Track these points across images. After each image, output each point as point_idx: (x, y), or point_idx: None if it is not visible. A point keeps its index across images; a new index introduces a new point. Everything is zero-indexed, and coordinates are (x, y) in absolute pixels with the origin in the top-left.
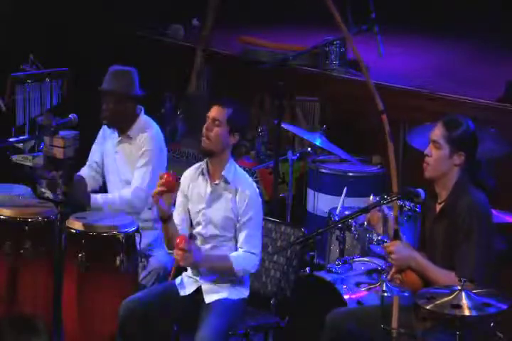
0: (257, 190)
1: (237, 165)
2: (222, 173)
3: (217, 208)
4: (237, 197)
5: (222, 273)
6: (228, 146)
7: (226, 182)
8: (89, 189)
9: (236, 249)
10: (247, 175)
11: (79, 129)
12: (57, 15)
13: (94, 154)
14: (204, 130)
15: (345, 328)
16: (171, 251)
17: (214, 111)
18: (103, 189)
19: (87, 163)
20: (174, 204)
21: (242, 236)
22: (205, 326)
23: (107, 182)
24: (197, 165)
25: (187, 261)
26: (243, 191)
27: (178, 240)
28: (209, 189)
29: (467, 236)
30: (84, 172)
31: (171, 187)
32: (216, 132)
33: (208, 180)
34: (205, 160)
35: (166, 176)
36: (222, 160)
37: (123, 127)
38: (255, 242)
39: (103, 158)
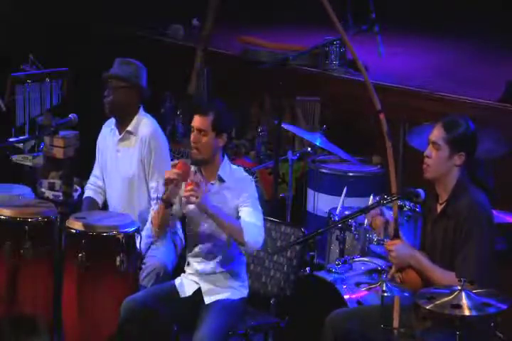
0: (253, 182)
1: (231, 163)
2: (218, 173)
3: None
4: (233, 190)
5: (229, 233)
6: (219, 149)
7: (221, 180)
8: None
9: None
10: (241, 170)
11: (79, 129)
12: (57, 15)
13: (98, 161)
14: (192, 143)
15: (345, 328)
16: (156, 229)
17: (197, 122)
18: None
19: (94, 172)
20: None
21: (245, 212)
22: (205, 326)
23: (105, 180)
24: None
25: (198, 195)
26: (240, 186)
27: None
28: (205, 189)
29: (468, 237)
30: (91, 186)
31: (185, 176)
32: (204, 142)
33: (201, 180)
34: None
35: (179, 165)
36: (216, 163)
37: (124, 121)
38: (259, 217)
39: (102, 160)
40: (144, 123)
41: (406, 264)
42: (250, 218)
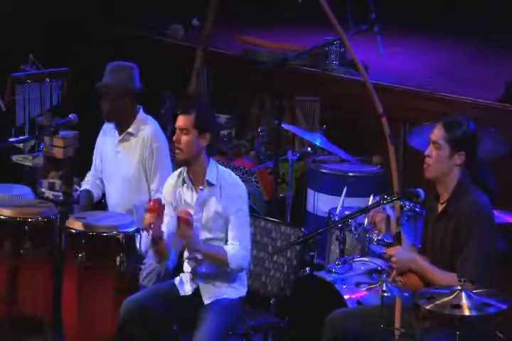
0: (242, 183)
1: (218, 165)
2: (206, 177)
3: (208, 212)
4: (224, 196)
5: (215, 263)
6: (202, 149)
7: (210, 184)
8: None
9: None
10: (230, 172)
11: (79, 129)
12: (57, 15)
13: (96, 161)
14: (175, 142)
15: (346, 328)
16: (160, 264)
17: (179, 121)
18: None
19: (91, 171)
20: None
21: (232, 234)
22: (204, 326)
23: (105, 182)
24: (177, 172)
25: (189, 234)
26: (229, 189)
27: (181, 213)
28: (195, 195)
29: (468, 237)
30: (89, 181)
31: (159, 213)
32: (185, 141)
33: (192, 188)
34: (184, 168)
35: (151, 204)
36: (201, 164)
37: (123, 124)
38: (245, 239)
39: (102, 163)
40: (145, 125)
41: (407, 268)
42: (237, 241)
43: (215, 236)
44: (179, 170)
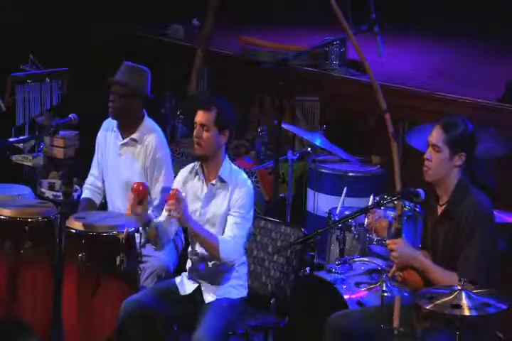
0: (252, 185)
1: (232, 163)
2: (219, 173)
3: (215, 207)
4: (232, 193)
5: (205, 248)
6: (221, 146)
7: (222, 181)
8: (97, 203)
9: None
10: (241, 172)
11: (79, 129)
12: (57, 15)
13: (98, 156)
14: (194, 137)
15: (347, 329)
16: (156, 250)
17: (200, 117)
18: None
19: (92, 169)
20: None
21: (230, 223)
22: (204, 325)
23: (105, 182)
24: (191, 165)
25: (181, 211)
26: (238, 188)
27: (171, 192)
28: (205, 189)
29: (470, 238)
30: (89, 186)
31: (142, 196)
32: (206, 137)
33: (204, 181)
34: (198, 162)
35: (134, 186)
36: (217, 160)
37: (128, 127)
38: (242, 232)
39: (103, 160)
40: (150, 133)
41: (408, 264)
42: (233, 233)
43: (219, 231)
44: (192, 164)
